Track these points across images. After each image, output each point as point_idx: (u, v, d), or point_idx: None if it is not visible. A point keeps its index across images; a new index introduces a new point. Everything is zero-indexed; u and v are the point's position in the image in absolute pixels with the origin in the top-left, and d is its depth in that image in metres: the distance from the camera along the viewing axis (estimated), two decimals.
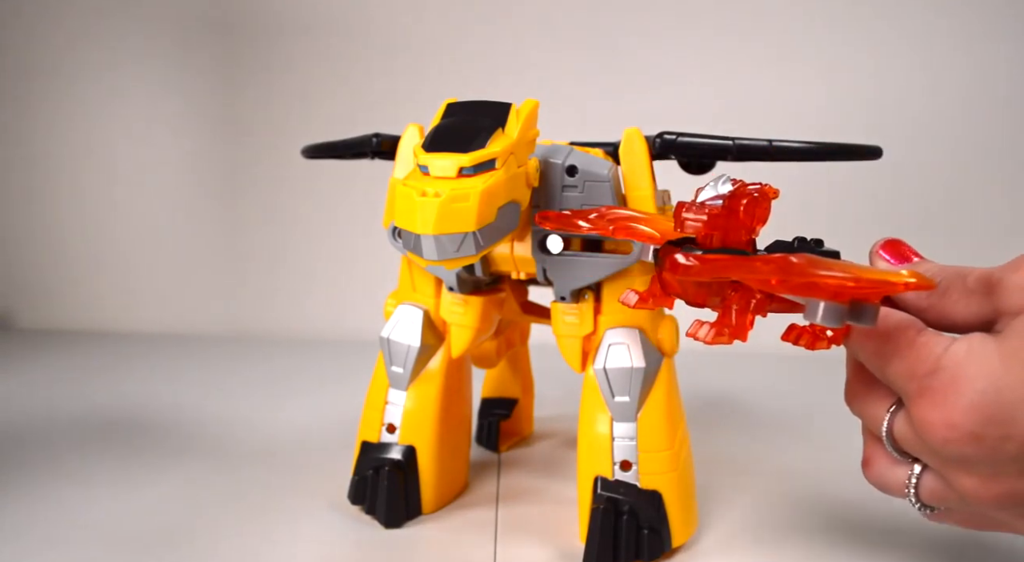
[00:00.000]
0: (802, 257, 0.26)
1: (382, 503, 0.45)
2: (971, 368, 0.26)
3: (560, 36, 1.01)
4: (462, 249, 0.34)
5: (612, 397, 0.42)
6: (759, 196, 0.29)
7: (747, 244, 0.29)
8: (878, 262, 0.32)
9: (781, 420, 0.68)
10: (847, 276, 0.24)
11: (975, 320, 0.29)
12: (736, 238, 0.29)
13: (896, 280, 0.24)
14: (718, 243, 0.29)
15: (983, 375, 0.26)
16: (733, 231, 0.29)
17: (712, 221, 0.29)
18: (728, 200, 0.29)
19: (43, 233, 1.10)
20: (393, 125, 0.50)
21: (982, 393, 0.26)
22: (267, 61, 1.05)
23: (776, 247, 0.30)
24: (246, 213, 1.08)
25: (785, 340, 0.30)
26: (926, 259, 0.32)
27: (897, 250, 0.32)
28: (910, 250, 0.32)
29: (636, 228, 0.33)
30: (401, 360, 0.46)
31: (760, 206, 0.29)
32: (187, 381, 0.79)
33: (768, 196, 0.29)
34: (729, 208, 0.29)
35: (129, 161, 1.09)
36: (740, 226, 0.29)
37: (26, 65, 1.08)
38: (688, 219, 0.29)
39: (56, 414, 0.67)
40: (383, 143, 0.47)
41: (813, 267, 0.25)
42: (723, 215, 0.29)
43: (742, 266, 0.27)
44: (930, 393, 0.27)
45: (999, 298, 0.28)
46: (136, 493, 0.50)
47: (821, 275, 0.25)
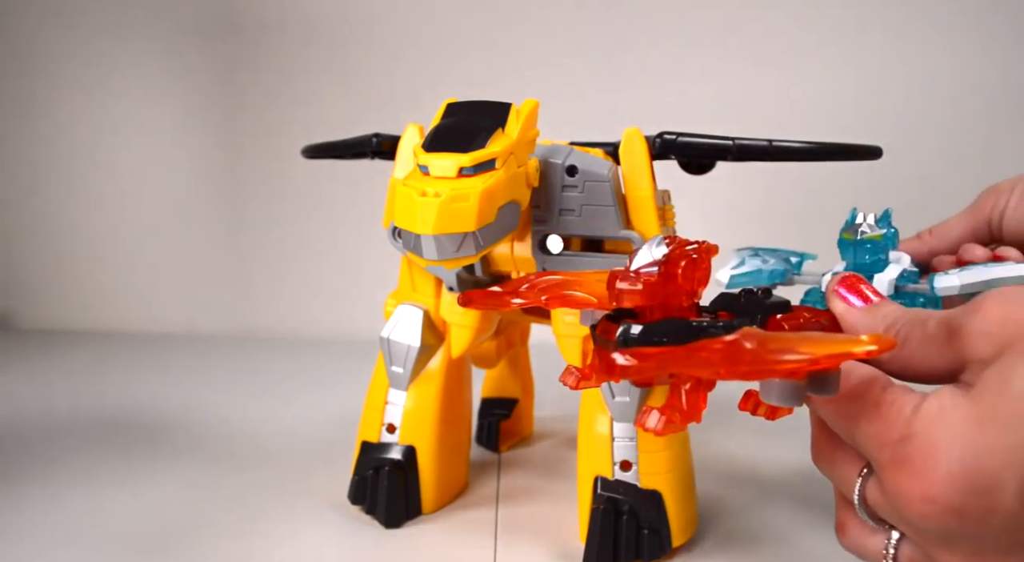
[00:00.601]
0: (754, 337, 0.23)
1: (382, 503, 0.45)
2: (946, 433, 0.24)
3: (560, 36, 1.01)
4: (462, 249, 0.34)
5: (612, 397, 0.42)
6: (698, 257, 0.27)
7: (690, 309, 0.27)
8: (835, 302, 0.30)
9: (781, 420, 0.68)
10: (804, 357, 0.22)
11: (940, 369, 0.27)
12: (677, 304, 0.27)
13: (856, 349, 0.22)
14: (659, 313, 0.27)
15: (959, 441, 0.24)
16: (673, 297, 0.27)
17: (649, 291, 0.26)
18: (664, 265, 0.27)
19: (43, 233, 1.10)
20: (393, 125, 0.50)
21: (960, 461, 0.23)
22: (268, 61, 1.05)
23: (722, 302, 0.29)
24: (246, 213, 1.08)
25: (743, 410, 0.29)
26: (885, 299, 0.30)
27: (855, 288, 0.30)
28: (869, 288, 0.30)
29: (570, 296, 0.31)
30: (401, 360, 0.46)
31: (700, 267, 0.27)
32: (187, 381, 0.79)
33: (707, 255, 0.28)
34: (666, 274, 0.27)
35: (129, 161, 1.09)
36: (680, 291, 0.27)
37: (26, 66, 1.08)
38: (623, 290, 0.27)
39: (56, 414, 0.67)
40: (383, 143, 0.47)
41: (766, 351, 0.23)
42: (660, 283, 0.27)
43: (688, 359, 0.24)
44: (904, 463, 0.25)
45: (962, 345, 0.25)
46: (136, 493, 0.50)
47: (776, 360, 0.23)
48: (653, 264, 0.27)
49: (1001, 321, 0.24)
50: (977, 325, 0.25)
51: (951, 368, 0.26)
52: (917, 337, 0.27)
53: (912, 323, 0.28)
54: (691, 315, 0.27)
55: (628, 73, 1.00)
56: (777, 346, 0.23)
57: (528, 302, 0.31)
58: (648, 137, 0.42)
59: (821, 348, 0.22)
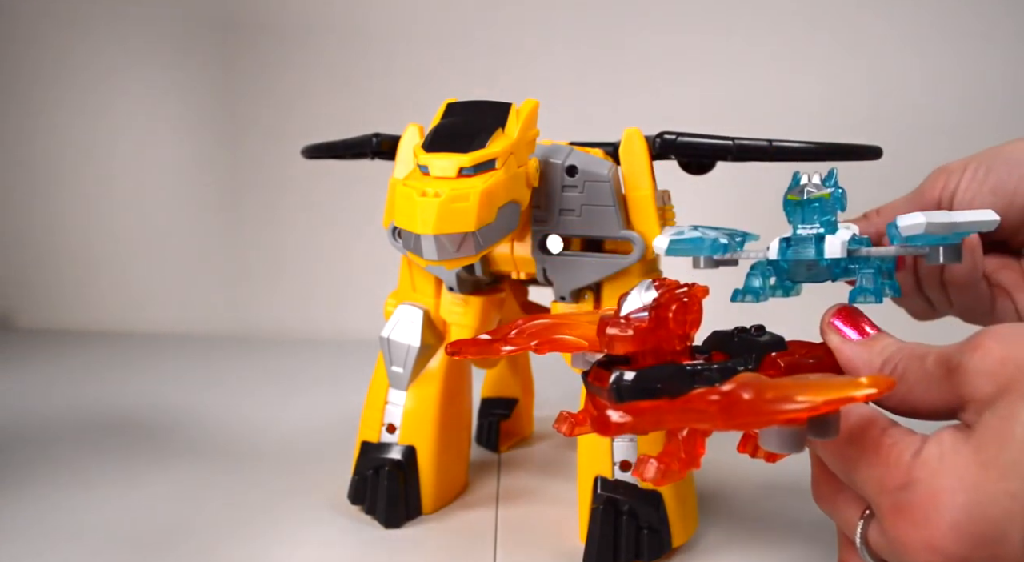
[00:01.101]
0: (750, 387, 0.23)
1: (382, 503, 0.45)
2: (948, 480, 0.23)
3: (560, 36, 1.01)
4: (462, 249, 0.34)
5: None
6: (688, 300, 0.27)
7: (682, 352, 0.27)
8: (830, 335, 0.30)
9: None
10: (803, 406, 0.22)
11: (939, 406, 0.26)
12: (669, 348, 0.27)
13: (856, 393, 0.22)
14: (651, 358, 0.27)
15: (962, 488, 0.23)
16: (665, 342, 0.26)
17: (640, 337, 0.26)
18: (655, 310, 0.26)
19: (43, 233, 1.10)
20: (393, 125, 0.50)
21: (964, 510, 0.23)
22: (267, 61, 1.05)
23: (715, 341, 0.28)
24: (246, 213, 1.08)
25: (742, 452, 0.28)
26: (882, 332, 0.29)
27: (851, 320, 0.30)
28: (865, 320, 0.30)
29: (561, 340, 0.30)
30: (401, 360, 0.46)
31: (691, 310, 0.27)
32: (187, 381, 0.79)
33: (698, 297, 0.27)
34: (657, 319, 0.26)
35: (129, 161, 1.09)
36: (672, 335, 0.26)
37: (26, 66, 1.08)
38: (614, 337, 0.26)
39: (56, 414, 0.67)
40: (383, 143, 0.47)
41: (764, 402, 0.22)
42: (651, 328, 0.26)
43: (685, 412, 0.24)
44: (906, 511, 0.24)
45: (961, 384, 0.25)
46: (136, 493, 0.50)
47: (775, 411, 0.22)
48: (643, 309, 0.26)
49: (1001, 360, 0.24)
50: (976, 363, 0.24)
51: (950, 405, 0.26)
52: (915, 373, 0.27)
53: (910, 358, 0.27)
54: (684, 358, 0.27)
55: (628, 73, 1.00)
56: (775, 395, 0.22)
57: (519, 349, 0.30)
58: (648, 137, 0.42)
59: (820, 394, 0.22)
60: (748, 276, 0.35)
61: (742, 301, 0.35)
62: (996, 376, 0.24)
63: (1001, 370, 0.24)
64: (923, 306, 0.40)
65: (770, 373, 0.27)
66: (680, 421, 0.24)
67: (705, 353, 0.28)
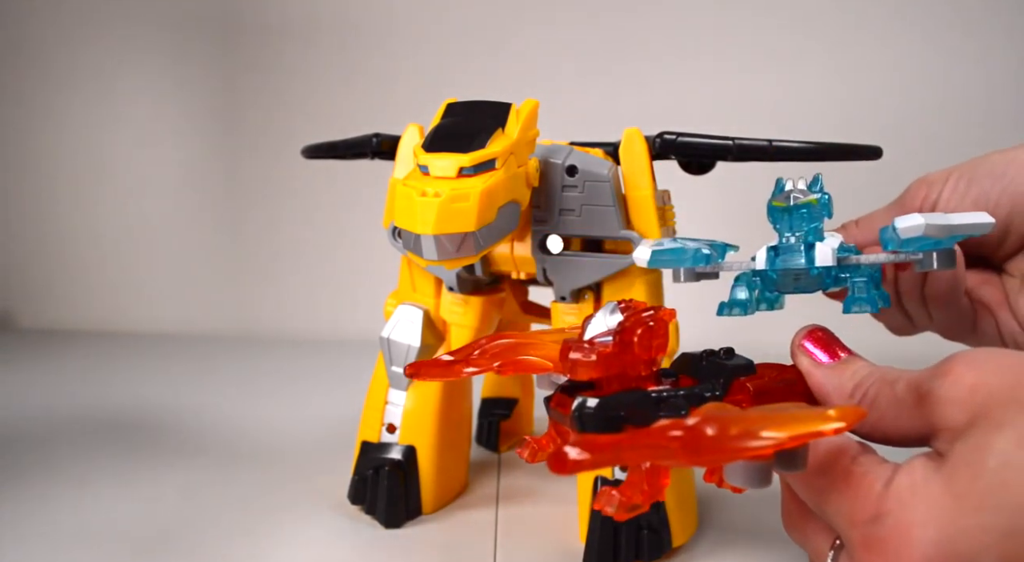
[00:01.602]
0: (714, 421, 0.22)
1: (382, 503, 0.45)
2: (919, 513, 0.23)
3: (560, 36, 1.01)
4: (462, 249, 0.34)
5: None
6: (655, 324, 0.26)
7: (649, 378, 0.26)
8: (800, 358, 0.29)
9: None
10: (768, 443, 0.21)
11: (910, 432, 0.26)
12: (635, 373, 0.26)
13: (824, 427, 0.21)
14: (616, 384, 0.26)
15: (934, 522, 0.22)
16: (630, 367, 0.26)
17: (604, 362, 0.25)
18: (619, 334, 0.25)
19: (43, 233, 1.10)
20: (393, 125, 0.50)
21: (935, 545, 0.22)
22: (267, 62, 1.05)
23: (682, 363, 0.28)
24: (245, 213, 1.08)
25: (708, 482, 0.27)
26: (854, 355, 0.29)
27: (822, 342, 0.29)
28: (836, 343, 0.29)
29: (525, 361, 0.29)
30: (401, 360, 0.46)
31: (657, 335, 0.26)
32: (187, 381, 0.79)
33: (664, 321, 0.26)
34: (622, 343, 0.25)
35: (130, 161, 1.09)
36: (637, 361, 0.26)
37: (27, 66, 1.08)
38: (577, 362, 0.25)
39: (56, 414, 0.67)
40: (383, 143, 0.47)
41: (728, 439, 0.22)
42: (616, 353, 0.25)
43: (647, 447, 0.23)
44: (876, 544, 0.23)
45: (932, 412, 0.24)
46: (136, 493, 0.50)
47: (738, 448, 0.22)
48: (608, 333, 0.26)
49: (972, 387, 0.23)
50: (947, 391, 0.24)
51: (922, 433, 0.25)
52: (886, 399, 0.26)
53: (881, 383, 0.26)
54: (651, 383, 0.26)
55: (628, 73, 1.00)
56: (739, 431, 0.22)
57: (481, 370, 0.29)
58: (648, 137, 0.42)
59: (786, 429, 0.21)
60: (733, 288, 0.34)
61: (728, 315, 0.34)
62: (967, 404, 0.23)
63: (972, 398, 0.23)
64: (902, 321, 0.38)
65: (738, 397, 0.27)
66: (641, 457, 0.23)
67: (673, 376, 0.28)
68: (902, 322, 0.38)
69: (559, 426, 0.27)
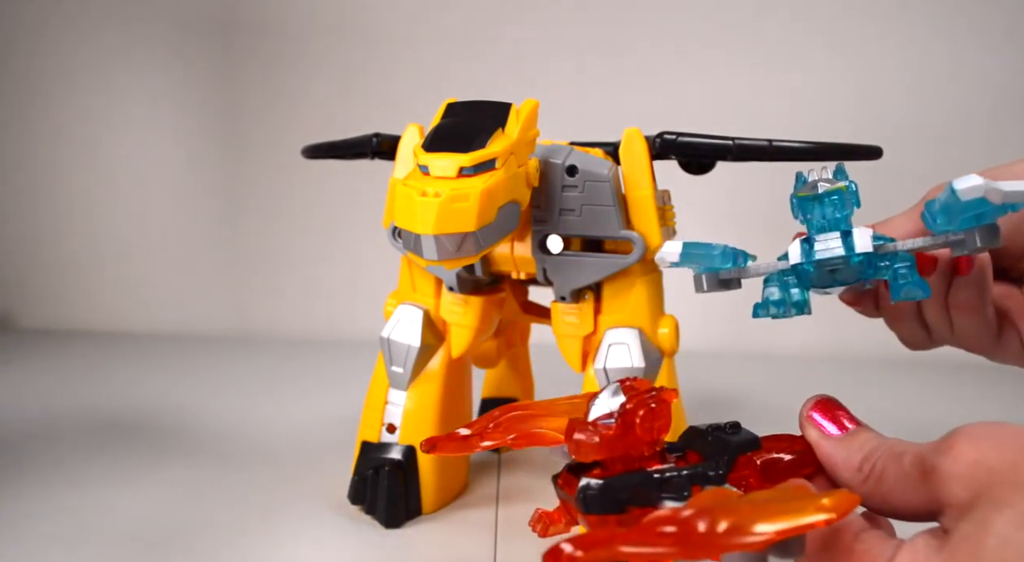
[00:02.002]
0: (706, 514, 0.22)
1: (382, 503, 0.45)
2: None
3: (560, 36, 1.01)
4: (462, 249, 0.34)
5: None
6: (657, 406, 0.26)
7: (652, 457, 0.27)
8: (809, 429, 0.29)
9: (781, 420, 0.68)
10: (759, 539, 0.21)
11: (918, 507, 0.25)
12: (638, 453, 0.26)
13: (818, 518, 0.21)
14: (620, 464, 0.26)
15: None
16: (633, 447, 0.26)
17: (607, 444, 0.26)
18: (622, 416, 0.26)
19: (43, 233, 1.10)
20: (393, 125, 0.50)
21: None
22: (268, 62, 1.05)
23: (689, 437, 0.28)
24: (246, 213, 1.08)
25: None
26: (862, 426, 0.29)
27: (830, 414, 0.29)
28: (845, 415, 0.29)
29: (538, 433, 0.29)
30: (401, 360, 0.46)
31: (659, 416, 0.26)
32: (186, 381, 0.79)
33: (667, 403, 0.27)
34: (624, 424, 0.26)
35: (130, 161, 1.09)
36: (640, 442, 0.26)
37: (27, 66, 1.08)
38: (581, 443, 0.26)
39: (56, 414, 0.67)
40: (383, 143, 0.47)
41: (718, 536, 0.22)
42: (618, 434, 0.26)
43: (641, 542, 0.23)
44: None
45: (936, 487, 0.24)
46: (136, 493, 0.50)
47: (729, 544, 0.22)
48: (611, 415, 0.26)
49: (973, 464, 0.23)
50: (949, 467, 0.24)
51: (929, 508, 0.25)
52: (894, 473, 0.26)
53: (888, 457, 0.26)
54: (655, 462, 0.27)
55: (628, 73, 1.00)
56: (730, 525, 0.22)
57: (497, 443, 0.29)
58: (648, 137, 0.42)
59: (778, 521, 0.21)
60: (766, 287, 0.33)
61: (765, 315, 0.32)
62: (969, 481, 0.23)
63: (973, 475, 0.23)
64: (920, 333, 0.37)
65: (745, 473, 0.27)
66: (636, 552, 0.23)
67: (679, 451, 0.28)
68: (919, 334, 0.37)
69: (567, 504, 0.28)
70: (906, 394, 0.77)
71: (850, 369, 0.85)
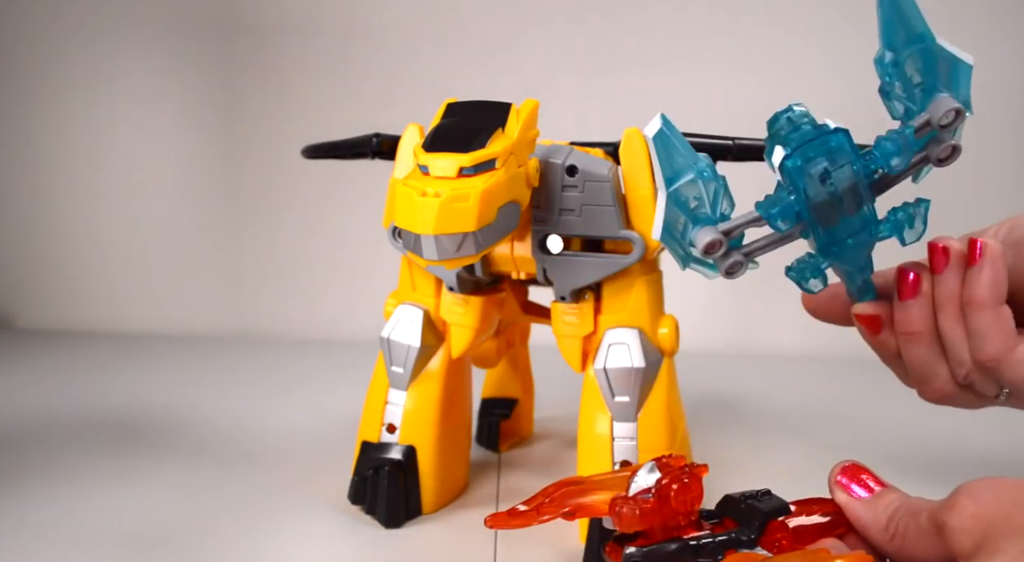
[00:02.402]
0: None
1: (382, 503, 0.45)
2: None
3: (560, 36, 1.01)
4: (462, 249, 0.34)
5: (612, 397, 0.42)
6: (689, 480, 0.29)
7: (689, 526, 0.30)
8: (838, 493, 0.31)
9: (781, 420, 0.68)
10: None
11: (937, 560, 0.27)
12: (675, 523, 0.29)
13: None
14: (660, 533, 0.29)
15: None
16: (671, 518, 0.29)
17: (647, 516, 0.29)
18: (658, 491, 0.29)
19: (43, 233, 1.10)
20: (393, 125, 0.50)
21: None
22: (267, 61, 1.05)
23: (724, 505, 0.31)
24: (246, 213, 1.08)
25: None
26: (887, 487, 0.30)
27: (856, 477, 0.31)
28: (870, 477, 0.31)
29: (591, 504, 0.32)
30: (401, 360, 0.46)
31: (691, 490, 0.29)
32: (186, 382, 0.79)
33: (698, 477, 0.30)
34: (660, 497, 0.29)
35: (130, 161, 1.09)
36: (676, 513, 0.29)
37: (26, 66, 1.08)
38: (623, 516, 0.29)
39: (56, 414, 0.67)
40: (383, 143, 0.47)
41: None
42: (656, 507, 0.29)
43: None
44: None
45: (947, 541, 0.26)
46: (136, 493, 0.50)
47: None
48: (648, 490, 0.29)
49: (973, 517, 0.25)
50: (955, 521, 0.25)
51: (945, 559, 0.26)
52: (914, 530, 0.28)
53: (909, 516, 0.28)
54: (692, 530, 0.30)
55: (628, 73, 1.00)
56: None
57: (553, 517, 0.32)
58: None
59: None
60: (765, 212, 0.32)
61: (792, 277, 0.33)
62: (971, 533, 0.25)
63: (974, 527, 0.25)
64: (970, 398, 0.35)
65: (777, 536, 0.30)
66: None
67: (716, 518, 0.31)
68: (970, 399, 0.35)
69: None
70: (906, 395, 0.77)
71: (850, 369, 0.85)
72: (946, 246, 0.33)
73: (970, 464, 0.57)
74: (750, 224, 0.33)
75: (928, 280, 0.33)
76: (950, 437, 0.62)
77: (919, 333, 0.33)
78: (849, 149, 0.31)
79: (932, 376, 0.34)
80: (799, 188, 0.31)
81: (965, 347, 0.33)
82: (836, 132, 0.31)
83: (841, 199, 0.31)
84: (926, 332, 0.33)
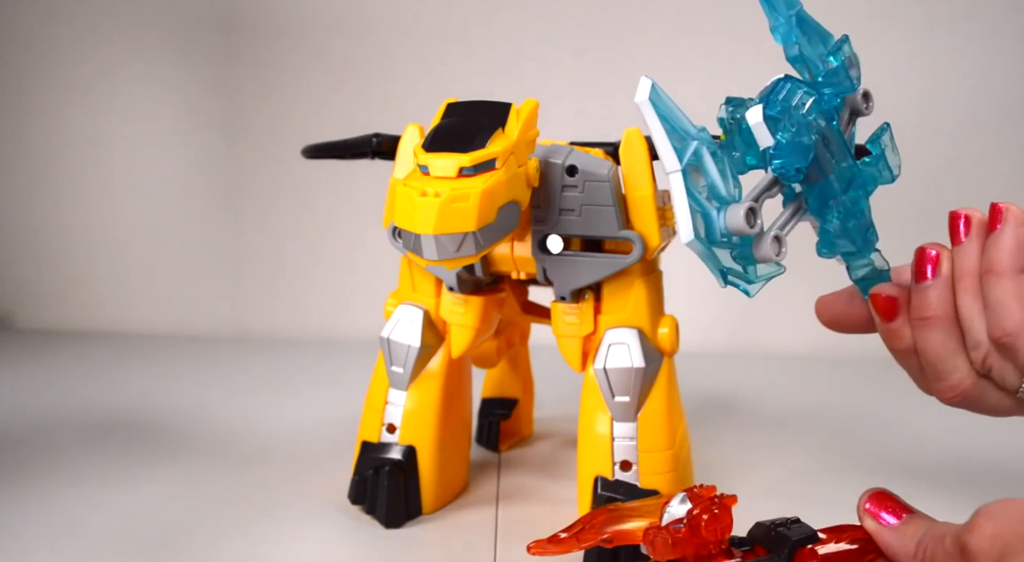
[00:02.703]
0: None
1: (382, 503, 0.45)
2: None
3: (560, 36, 1.01)
4: (462, 249, 0.34)
5: (612, 397, 0.42)
6: (719, 511, 0.30)
7: (720, 554, 0.31)
8: (867, 520, 0.32)
9: (781, 420, 0.68)
10: None
11: None
12: (707, 551, 0.31)
13: None
14: (693, 561, 0.31)
15: None
16: (702, 547, 0.30)
17: (680, 546, 0.30)
18: (690, 521, 0.30)
19: (43, 233, 1.10)
20: (393, 125, 0.50)
21: None
22: (267, 61, 1.05)
23: (755, 532, 0.32)
24: (246, 213, 1.08)
25: None
26: (915, 514, 0.31)
27: (884, 504, 0.32)
28: (897, 503, 0.31)
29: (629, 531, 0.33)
30: (401, 360, 0.46)
31: (721, 520, 0.30)
32: (187, 381, 0.79)
33: (728, 507, 0.31)
34: (691, 527, 0.30)
35: (129, 161, 1.09)
36: (706, 542, 0.30)
37: (26, 66, 1.08)
38: (656, 545, 0.30)
39: (56, 414, 0.67)
40: (383, 143, 0.47)
41: None
42: (688, 537, 0.30)
43: None
44: None
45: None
46: (136, 493, 0.50)
47: None
48: (680, 520, 0.30)
49: (991, 538, 0.26)
50: (975, 543, 0.26)
51: None
52: (941, 555, 0.28)
53: (935, 541, 0.29)
54: (722, 558, 0.31)
55: (628, 73, 0.99)
56: None
57: (592, 543, 0.33)
58: (648, 137, 0.42)
59: None
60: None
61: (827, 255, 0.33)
62: (990, 553, 0.26)
63: (992, 547, 0.26)
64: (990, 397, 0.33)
65: None
66: None
67: (748, 545, 0.32)
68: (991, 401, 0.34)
69: None
70: (906, 395, 0.77)
71: (849, 369, 0.85)
72: (968, 214, 0.32)
73: (970, 464, 0.57)
74: (769, 188, 0.32)
75: (948, 261, 0.32)
76: (950, 436, 0.62)
77: (935, 317, 0.31)
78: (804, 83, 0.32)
79: (949, 370, 0.32)
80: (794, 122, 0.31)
81: (983, 325, 0.31)
82: (781, 79, 0.32)
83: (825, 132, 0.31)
84: (943, 316, 0.31)
